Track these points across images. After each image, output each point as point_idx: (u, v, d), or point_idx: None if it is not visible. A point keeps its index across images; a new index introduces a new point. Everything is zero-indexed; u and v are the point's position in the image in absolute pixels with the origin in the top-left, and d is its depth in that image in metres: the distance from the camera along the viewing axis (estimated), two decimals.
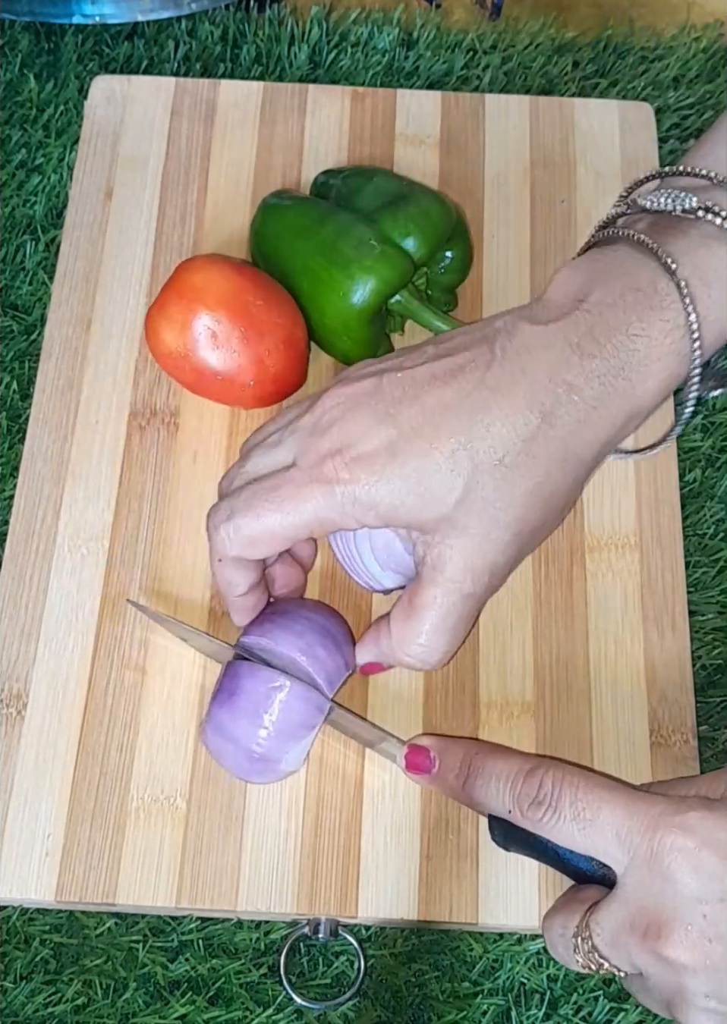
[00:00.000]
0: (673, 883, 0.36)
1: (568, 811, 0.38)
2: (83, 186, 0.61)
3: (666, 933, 0.36)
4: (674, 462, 0.55)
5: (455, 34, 0.68)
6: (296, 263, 0.53)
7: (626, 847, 0.37)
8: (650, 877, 0.37)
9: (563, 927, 0.39)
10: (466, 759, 0.43)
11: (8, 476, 0.55)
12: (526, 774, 0.40)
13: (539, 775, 0.40)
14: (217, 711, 0.45)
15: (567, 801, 0.39)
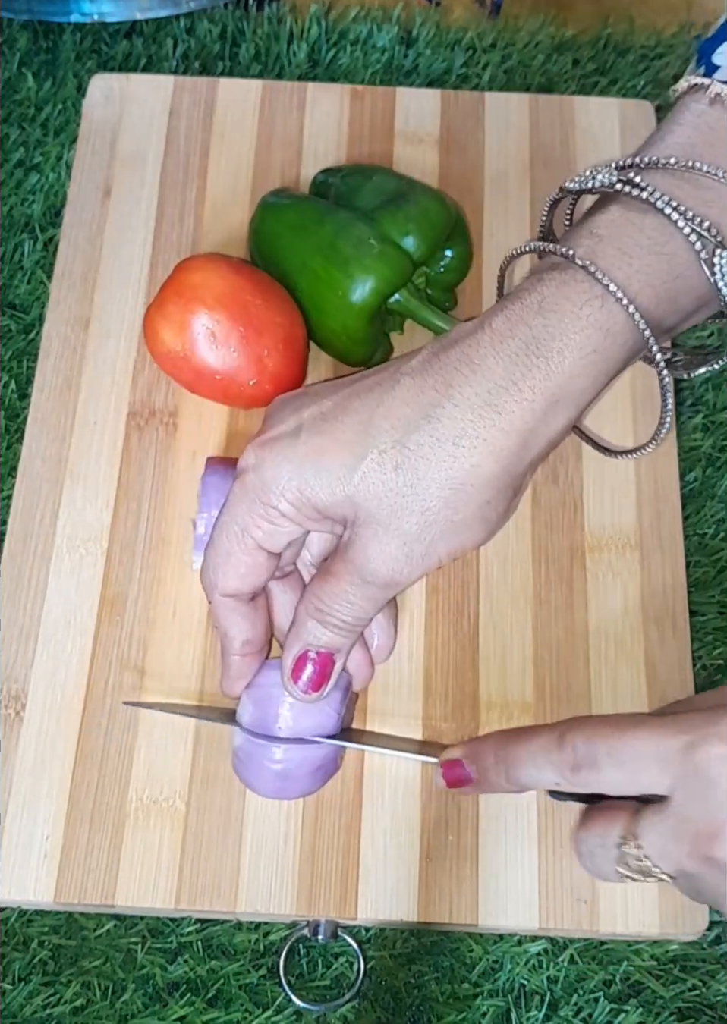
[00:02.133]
0: (717, 789, 0.36)
1: (607, 762, 0.38)
2: (81, 185, 0.60)
3: (716, 837, 0.36)
4: (674, 462, 0.54)
5: (455, 32, 0.67)
6: (295, 262, 0.53)
7: (669, 770, 0.37)
8: (696, 789, 0.37)
9: (602, 836, 0.39)
10: (500, 755, 0.42)
11: (6, 476, 0.55)
12: (557, 743, 0.40)
13: (569, 740, 0.39)
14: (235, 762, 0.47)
15: (603, 753, 0.38)
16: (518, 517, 0.53)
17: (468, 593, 0.52)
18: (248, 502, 0.42)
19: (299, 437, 0.42)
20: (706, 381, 0.58)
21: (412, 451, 0.40)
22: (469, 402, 0.40)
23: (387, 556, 0.41)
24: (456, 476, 0.40)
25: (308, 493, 0.41)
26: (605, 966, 0.47)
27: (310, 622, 0.44)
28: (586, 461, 0.54)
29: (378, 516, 0.41)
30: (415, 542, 0.41)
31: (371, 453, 0.40)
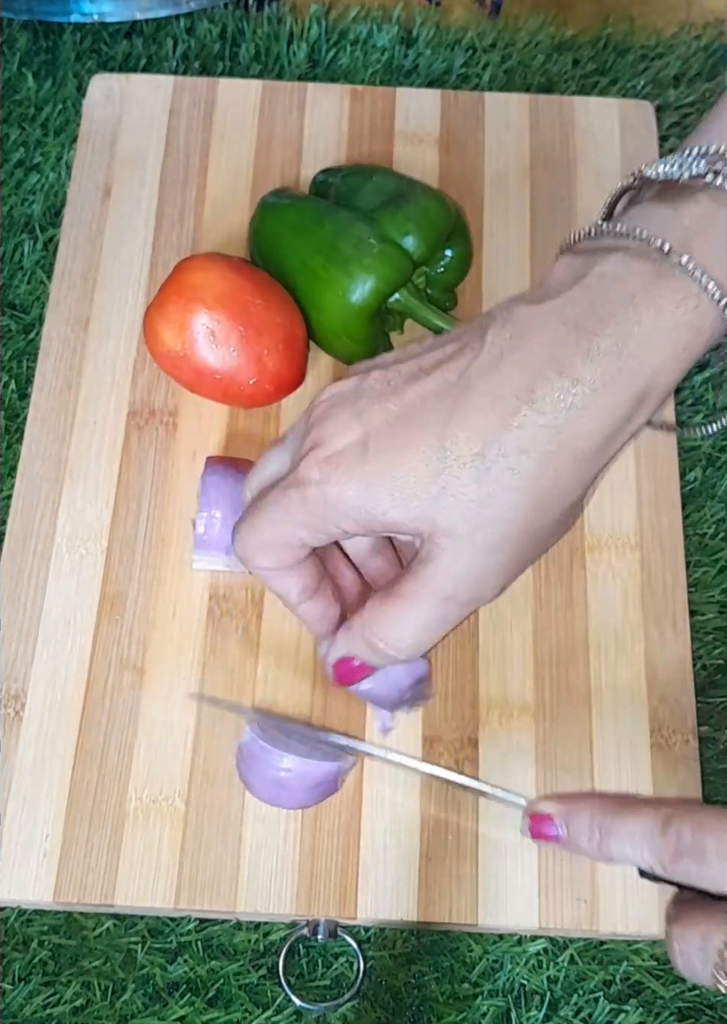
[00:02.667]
0: None
1: (714, 858, 0.37)
2: (81, 185, 0.60)
3: None
4: (674, 461, 0.54)
5: (455, 32, 0.67)
6: (295, 262, 0.53)
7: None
8: None
9: (704, 938, 0.37)
10: (595, 823, 0.41)
11: (6, 476, 0.55)
12: (661, 828, 0.38)
13: (675, 827, 0.38)
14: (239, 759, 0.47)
15: (712, 848, 0.37)
16: None
17: None
18: (307, 515, 0.40)
19: (367, 451, 0.39)
20: (706, 381, 0.58)
21: (494, 462, 0.37)
22: (554, 408, 0.37)
23: (473, 570, 0.39)
24: (541, 485, 0.38)
25: (377, 512, 0.39)
26: (605, 966, 0.47)
27: (362, 643, 0.42)
28: None
29: (458, 531, 0.38)
30: (499, 553, 0.39)
31: (450, 467, 0.38)
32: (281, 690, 0.50)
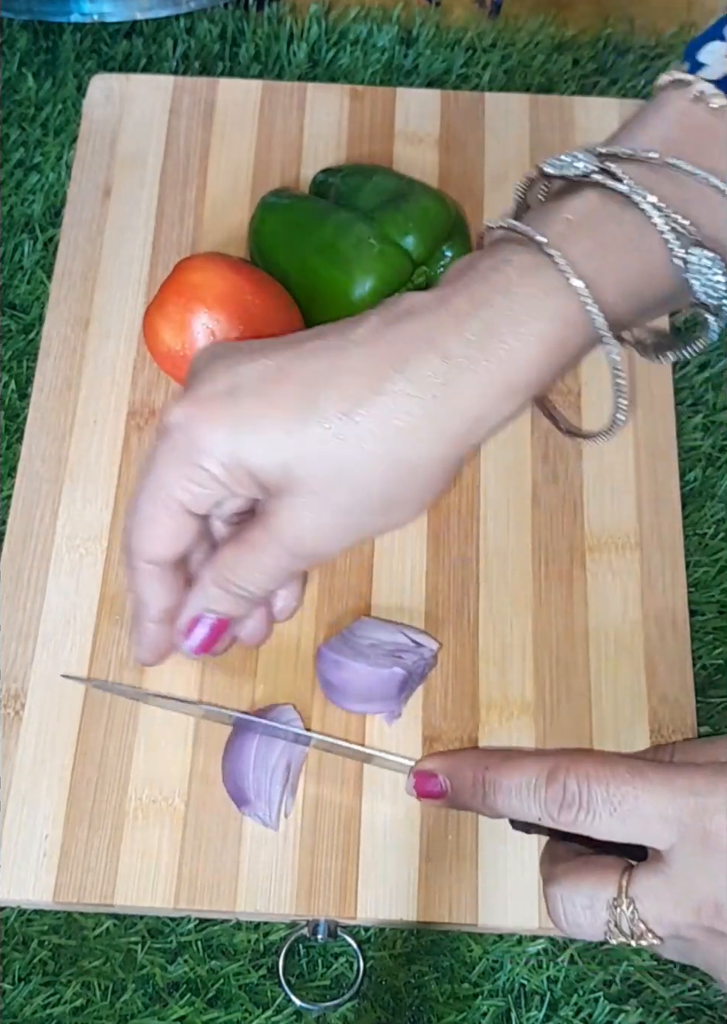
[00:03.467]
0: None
1: (602, 808, 0.37)
2: (81, 185, 0.60)
3: (724, 909, 0.35)
4: (674, 461, 0.54)
5: (454, 32, 0.67)
6: (295, 262, 0.53)
7: (673, 829, 0.36)
8: (702, 855, 0.36)
9: (591, 897, 0.38)
10: (478, 775, 0.41)
11: (6, 476, 0.55)
12: (547, 779, 0.38)
13: (561, 778, 0.38)
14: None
15: (599, 798, 0.37)
16: (518, 517, 0.53)
17: (468, 593, 0.52)
18: (175, 463, 0.40)
19: (236, 397, 0.39)
20: (706, 381, 0.58)
21: (357, 424, 0.38)
22: (425, 380, 0.38)
23: (316, 527, 0.40)
24: (401, 454, 0.39)
25: (243, 457, 0.39)
26: (605, 966, 0.47)
27: (213, 588, 0.42)
28: (586, 461, 0.54)
29: (313, 486, 0.39)
30: (347, 515, 0.40)
31: (314, 421, 0.38)
32: (281, 689, 0.49)
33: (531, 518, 0.53)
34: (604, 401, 0.56)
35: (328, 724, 0.49)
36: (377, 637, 0.49)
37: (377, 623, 0.50)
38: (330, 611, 0.51)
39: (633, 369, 0.56)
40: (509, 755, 0.41)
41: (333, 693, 0.48)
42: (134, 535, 0.42)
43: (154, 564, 0.43)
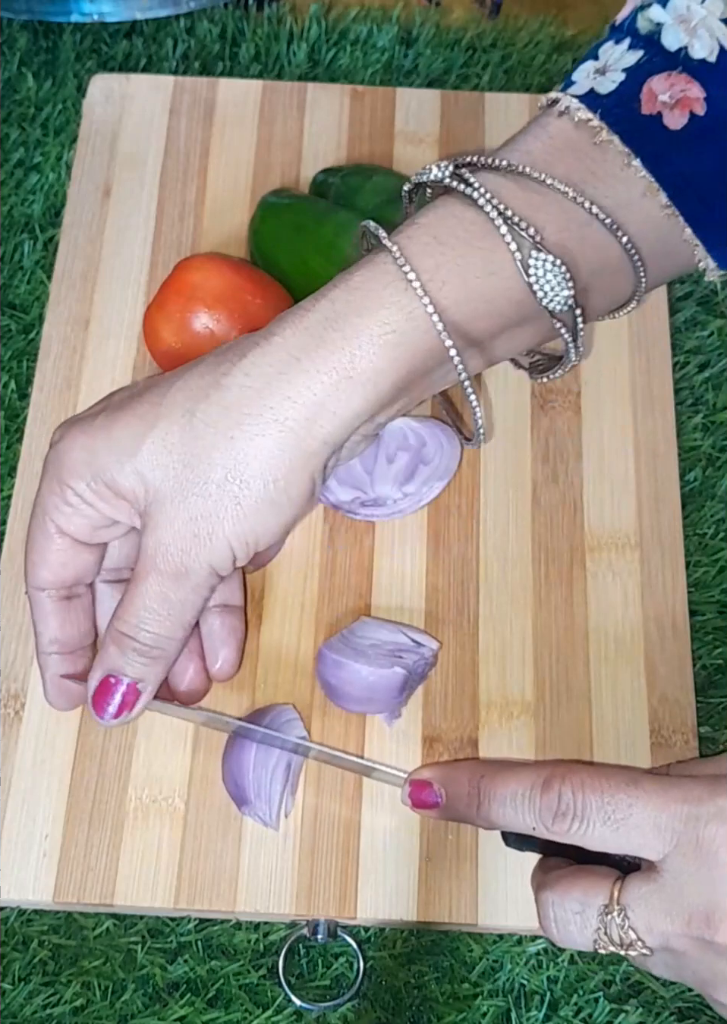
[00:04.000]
0: (719, 869, 0.35)
1: (597, 816, 0.37)
2: (81, 185, 0.60)
3: (717, 921, 0.35)
4: (674, 461, 0.54)
5: (454, 32, 0.67)
6: (295, 262, 0.53)
7: (666, 838, 0.36)
8: (694, 864, 0.36)
9: (582, 904, 0.37)
10: (473, 785, 0.41)
11: (6, 476, 0.55)
12: (542, 788, 0.38)
13: (556, 786, 0.38)
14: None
15: (593, 807, 0.37)
16: (518, 517, 0.53)
17: (468, 593, 0.52)
18: (48, 482, 0.41)
19: (99, 416, 0.41)
20: (706, 381, 0.58)
21: (199, 419, 0.39)
22: (260, 371, 0.39)
23: (174, 534, 0.39)
24: (241, 447, 0.38)
25: (98, 467, 0.40)
26: (605, 966, 0.47)
27: (111, 648, 0.41)
28: (586, 461, 0.54)
29: (165, 491, 0.39)
30: (200, 518, 0.39)
31: (160, 423, 0.39)
32: (281, 689, 0.49)
33: (531, 518, 0.53)
34: (604, 401, 0.56)
35: (328, 724, 0.49)
36: (377, 637, 0.49)
37: (377, 623, 0.50)
38: (330, 611, 0.51)
39: (634, 369, 0.56)
40: (505, 765, 0.41)
41: (333, 693, 0.48)
42: (26, 561, 0.43)
43: (42, 591, 0.43)
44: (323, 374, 0.39)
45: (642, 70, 0.40)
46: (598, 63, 0.41)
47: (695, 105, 0.39)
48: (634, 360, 0.57)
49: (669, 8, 0.40)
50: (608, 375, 0.56)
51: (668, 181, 0.40)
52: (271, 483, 0.39)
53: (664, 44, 0.40)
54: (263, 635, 0.51)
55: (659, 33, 0.40)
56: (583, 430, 0.55)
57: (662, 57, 0.40)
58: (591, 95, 0.40)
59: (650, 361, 0.57)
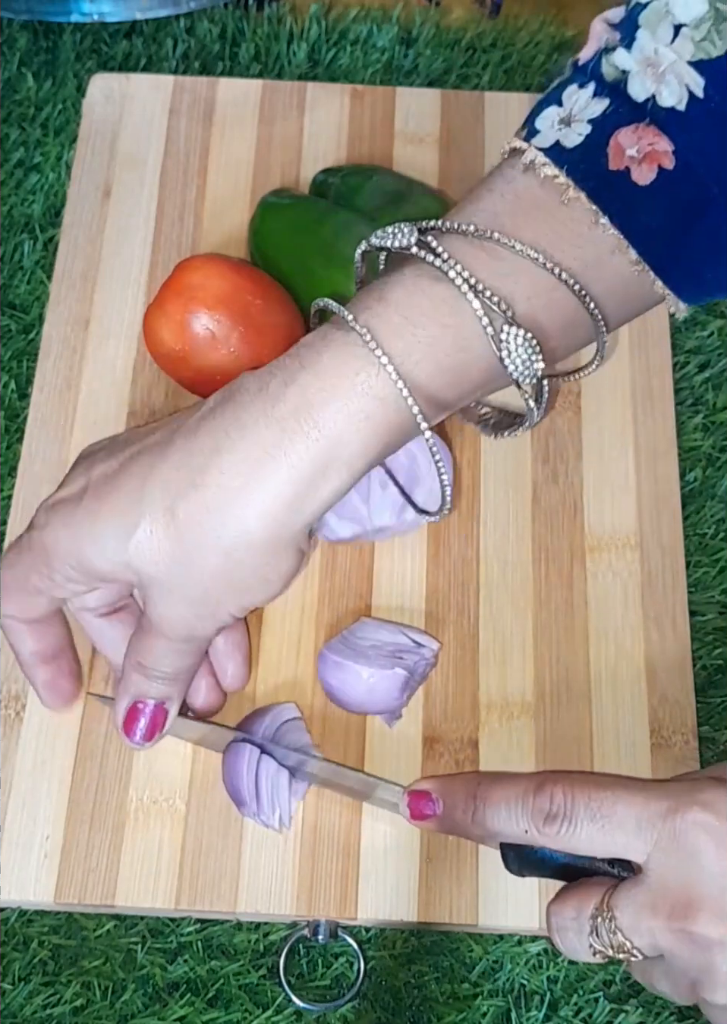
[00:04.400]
0: (698, 859, 0.36)
1: (584, 814, 0.38)
2: (81, 185, 0.60)
3: (694, 910, 0.35)
4: (674, 462, 0.54)
5: (454, 32, 0.67)
6: (295, 262, 0.53)
7: (647, 834, 0.37)
8: (674, 857, 0.36)
9: (577, 910, 0.38)
10: (470, 792, 0.41)
11: (6, 476, 0.55)
12: (534, 791, 0.39)
13: (548, 789, 0.39)
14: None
15: (581, 806, 0.38)
16: (518, 517, 0.53)
17: (468, 593, 0.52)
18: (31, 560, 0.42)
19: (81, 502, 0.41)
20: (706, 381, 0.58)
21: (182, 520, 0.39)
22: (236, 468, 0.39)
23: (176, 615, 0.41)
24: (227, 543, 0.39)
25: (85, 561, 0.41)
26: (605, 966, 0.47)
27: (134, 675, 0.43)
28: (586, 461, 0.54)
29: (160, 580, 0.40)
30: (199, 604, 0.41)
31: (143, 522, 0.39)
32: (281, 692, 0.49)
33: (531, 518, 0.53)
34: (604, 401, 0.56)
35: (329, 724, 0.49)
36: (378, 638, 0.49)
37: (377, 624, 0.50)
38: (330, 611, 0.51)
39: (634, 369, 0.56)
40: (502, 774, 0.42)
41: (334, 694, 0.48)
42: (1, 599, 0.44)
43: (15, 620, 0.44)
44: (300, 469, 0.38)
45: (609, 121, 0.38)
46: (562, 111, 0.40)
47: (663, 159, 0.38)
48: (634, 360, 0.57)
49: (634, 50, 0.38)
50: (608, 375, 0.56)
51: (637, 237, 0.39)
52: (261, 566, 0.40)
53: (630, 94, 0.38)
54: (264, 637, 0.51)
55: (625, 82, 0.38)
56: (583, 430, 0.55)
57: (628, 107, 0.38)
58: (556, 148, 0.39)
59: (650, 361, 0.57)
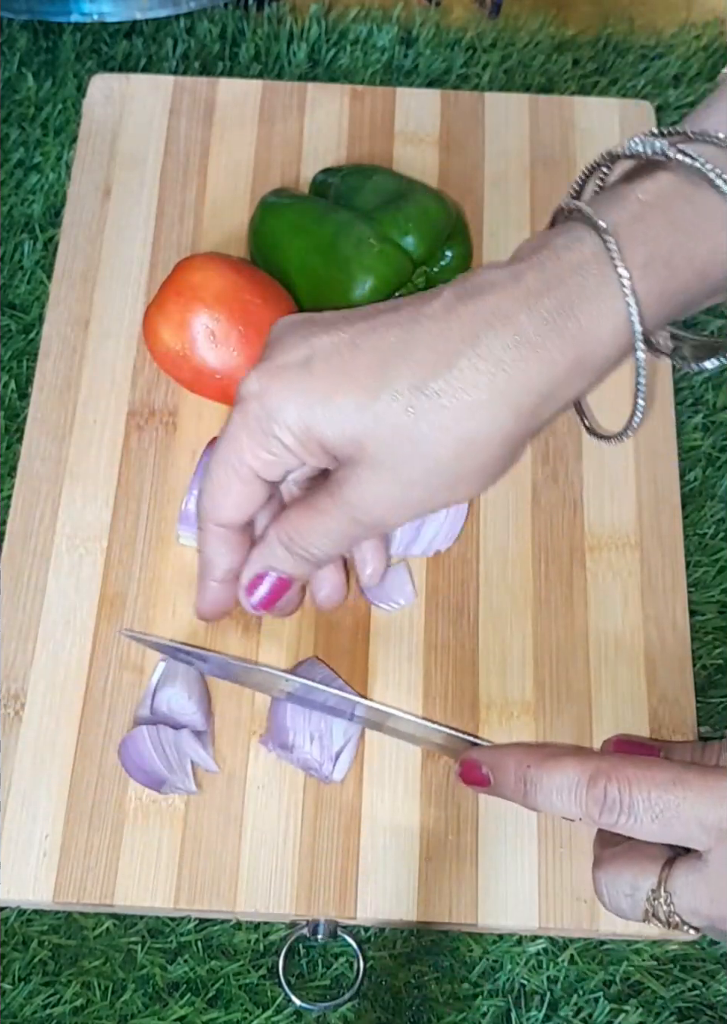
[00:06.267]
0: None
1: (644, 813, 0.38)
2: (81, 184, 0.60)
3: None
4: (675, 461, 0.54)
5: (454, 32, 0.67)
6: (295, 262, 0.53)
7: (713, 834, 0.37)
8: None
9: (632, 886, 0.39)
10: (520, 772, 0.41)
11: (6, 476, 0.55)
12: (588, 783, 0.39)
13: (602, 784, 0.38)
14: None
15: (641, 804, 0.38)
16: (518, 517, 0.53)
17: (468, 593, 0.52)
18: (249, 432, 0.41)
19: (310, 369, 0.40)
20: (706, 381, 0.58)
21: (429, 398, 0.38)
22: (495, 355, 0.38)
23: (386, 499, 0.40)
24: (471, 428, 0.39)
25: (315, 429, 0.40)
26: (605, 966, 0.47)
27: (279, 548, 0.43)
28: (586, 461, 0.54)
29: (384, 459, 0.39)
30: (417, 488, 0.40)
31: (386, 394, 0.39)
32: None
33: (531, 518, 0.53)
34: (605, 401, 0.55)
35: None
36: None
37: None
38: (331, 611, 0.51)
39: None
40: (551, 753, 0.41)
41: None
42: (206, 499, 0.43)
43: (223, 527, 0.44)
44: (558, 364, 0.38)
45: None
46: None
47: None
48: None
49: None
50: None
51: None
52: (492, 459, 0.40)
53: None
54: (264, 631, 0.50)
55: None
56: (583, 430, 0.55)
57: None
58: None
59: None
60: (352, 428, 0.39)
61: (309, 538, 0.42)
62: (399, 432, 0.39)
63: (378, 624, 0.51)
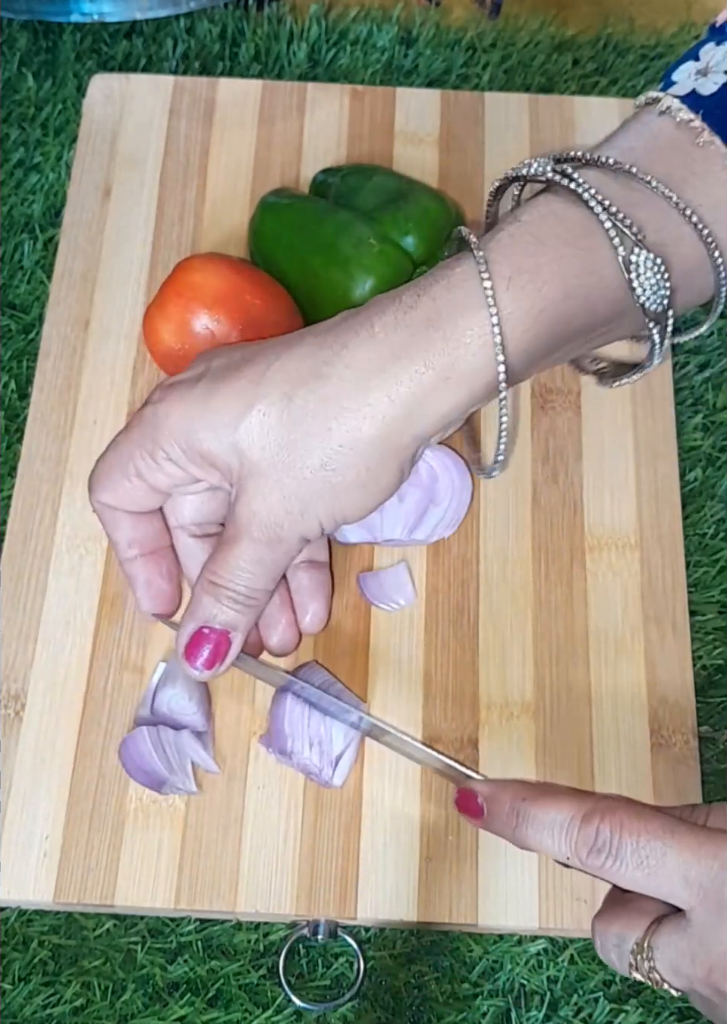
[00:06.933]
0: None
1: (631, 859, 0.37)
2: (81, 185, 0.60)
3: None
4: (675, 461, 0.54)
5: (455, 32, 0.67)
6: (295, 262, 0.53)
7: (695, 891, 0.36)
8: (718, 920, 0.36)
9: (620, 938, 0.38)
10: (514, 805, 0.41)
11: (6, 476, 0.55)
12: (582, 821, 0.38)
13: (594, 823, 0.38)
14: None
15: (628, 850, 0.37)
16: (518, 517, 0.53)
17: (468, 593, 0.52)
18: (140, 434, 0.43)
19: (200, 381, 0.42)
20: (706, 381, 0.58)
21: (298, 407, 0.40)
22: (361, 366, 0.40)
23: (268, 508, 0.41)
24: (337, 437, 0.40)
25: (194, 437, 0.41)
26: (605, 966, 0.47)
27: (205, 598, 0.43)
28: (586, 461, 0.54)
29: (261, 468, 0.41)
30: (293, 498, 0.41)
31: (259, 404, 0.40)
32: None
33: (531, 518, 0.53)
34: (604, 401, 0.56)
35: None
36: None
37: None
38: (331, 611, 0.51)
39: None
40: (547, 790, 0.41)
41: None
42: (94, 474, 0.45)
43: (105, 506, 0.45)
44: (423, 375, 0.40)
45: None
46: (699, 64, 0.42)
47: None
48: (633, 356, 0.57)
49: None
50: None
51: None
52: (363, 472, 0.41)
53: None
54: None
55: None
56: (583, 430, 0.55)
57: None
58: (693, 96, 0.41)
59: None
60: (228, 436, 0.41)
61: (227, 575, 0.43)
62: (271, 440, 0.40)
63: (378, 625, 0.51)
